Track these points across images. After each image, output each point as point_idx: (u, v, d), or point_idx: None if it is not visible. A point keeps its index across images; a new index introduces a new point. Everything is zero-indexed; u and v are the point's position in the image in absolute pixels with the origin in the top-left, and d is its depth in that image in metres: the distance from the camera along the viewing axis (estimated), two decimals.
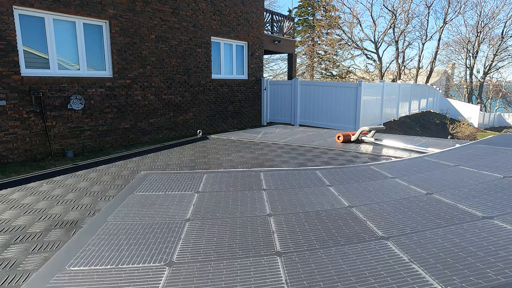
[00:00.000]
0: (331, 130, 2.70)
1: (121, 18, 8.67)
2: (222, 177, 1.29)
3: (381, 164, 1.44)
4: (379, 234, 0.73)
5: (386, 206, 0.91)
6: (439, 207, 0.85)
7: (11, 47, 6.84)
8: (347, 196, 1.04)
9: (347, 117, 11.90)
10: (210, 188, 1.17)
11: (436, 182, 1.06)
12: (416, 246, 0.64)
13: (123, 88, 8.93)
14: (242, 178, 1.23)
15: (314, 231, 0.78)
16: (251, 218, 0.87)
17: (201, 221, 0.94)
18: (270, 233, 0.77)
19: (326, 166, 1.46)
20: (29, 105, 7.19)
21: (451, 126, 19.74)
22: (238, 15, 12.27)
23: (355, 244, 0.70)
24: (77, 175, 1.39)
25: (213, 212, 0.95)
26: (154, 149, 1.81)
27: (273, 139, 2.17)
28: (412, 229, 0.72)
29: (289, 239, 0.73)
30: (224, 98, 12.09)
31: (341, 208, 0.93)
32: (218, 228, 0.85)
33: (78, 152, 8.14)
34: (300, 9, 33.95)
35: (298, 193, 1.08)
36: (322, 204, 0.96)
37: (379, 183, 1.15)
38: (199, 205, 1.04)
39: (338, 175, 1.26)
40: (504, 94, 37.44)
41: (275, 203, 0.99)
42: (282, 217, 0.87)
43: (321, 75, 34.51)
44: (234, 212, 0.93)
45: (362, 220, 0.84)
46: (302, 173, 1.28)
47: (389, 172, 1.27)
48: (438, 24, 48.71)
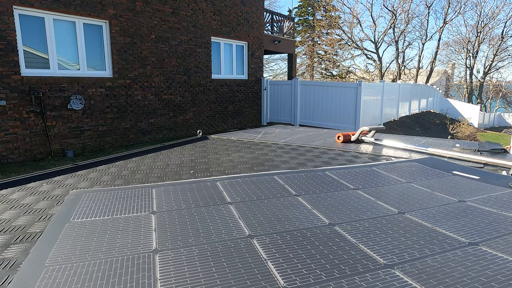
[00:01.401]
0: (331, 130, 2.71)
1: (121, 18, 8.68)
2: (175, 191, 1.16)
3: (336, 170, 1.44)
4: (382, 261, 0.71)
5: (367, 225, 0.90)
6: (420, 229, 0.86)
7: (11, 47, 6.84)
8: (321, 210, 1.00)
9: (347, 117, 11.90)
10: (166, 206, 1.04)
11: (400, 199, 1.09)
12: (425, 275, 0.64)
13: (123, 88, 8.93)
14: (199, 190, 1.13)
15: (311, 257, 0.72)
16: (232, 241, 0.79)
17: (174, 252, 0.78)
18: (262, 262, 0.70)
19: (283, 171, 1.42)
20: (29, 105, 7.20)
21: (451, 126, 19.74)
22: (238, 15, 12.27)
23: (363, 274, 0.66)
24: (77, 175, 1.39)
25: (183, 238, 0.82)
26: (154, 149, 1.81)
27: (273, 139, 2.17)
28: (411, 256, 0.72)
29: (287, 269, 0.67)
30: (224, 98, 12.09)
31: (323, 226, 0.89)
32: (199, 259, 0.72)
33: (78, 152, 8.14)
34: (300, 9, 33.96)
35: (269, 206, 1.01)
36: (301, 221, 0.91)
37: (343, 194, 1.13)
38: (161, 229, 0.89)
39: (299, 182, 1.22)
40: (504, 94, 37.45)
41: (249, 220, 0.92)
42: (266, 238, 0.81)
43: (321, 75, 34.52)
44: (208, 235, 0.83)
45: (353, 243, 0.81)
46: (262, 180, 1.23)
47: (347, 181, 1.26)
48: (438, 24, 48.73)
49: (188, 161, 1.67)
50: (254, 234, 0.83)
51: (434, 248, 0.74)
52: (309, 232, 0.84)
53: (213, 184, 1.20)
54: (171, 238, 0.84)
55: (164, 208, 1.02)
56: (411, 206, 1.01)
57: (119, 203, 1.12)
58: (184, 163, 1.64)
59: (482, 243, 0.74)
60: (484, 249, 0.71)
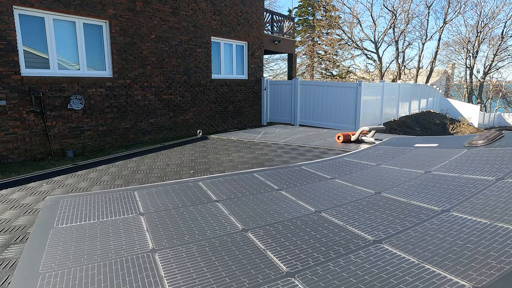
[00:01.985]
0: (331, 130, 2.70)
1: (121, 18, 8.68)
2: (159, 193, 1.15)
3: (311, 164, 1.49)
4: (370, 238, 0.74)
5: (350, 208, 0.93)
6: (397, 205, 0.91)
7: (11, 47, 6.84)
8: (305, 200, 1.02)
9: (347, 117, 11.90)
10: (153, 207, 1.03)
11: (374, 181, 1.14)
12: (410, 245, 0.69)
13: (123, 88, 8.93)
14: (183, 190, 1.13)
15: (306, 243, 0.74)
16: (227, 236, 0.80)
17: (172, 250, 0.78)
18: (262, 252, 0.72)
19: (262, 168, 1.45)
20: (29, 105, 7.20)
21: (451, 126, 19.74)
22: (238, 15, 12.27)
23: (356, 251, 0.70)
24: (77, 175, 1.39)
25: (178, 237, 0.82)
26: (154, 149, 1.81)
27: (273, 139, 2.17)
28: (395, 230, 0.76)
29: (286, 255, 0.69)
30: (224, 98, 12.09)
31: (310, 214, 0.91)
32: (200, 255, 0.73)
33: (78, 152, 8.14)
34: (300, 9, 33.96)
35: (255, 201, 1.02)
36: (289, 211, 0.93)
37: (322, 184, 1.16)
38: (154, 229, 0.89)
39: (279, 177, 1.24)
40: (504, 94, 37.44)
41: (239, 216, 0.93)
42: (260, 230, 0.82)
43: (321, 75, 34.51)
44: (203, 232, 0.83)
45: (341, 225, 0.83)
46: (243, 178, 1.24)
47: (323, 173, 1.29)
48: (438, 24, 48.71)
49: (188, 161, 1.66)
50: (248, 227, 0.84)
51: (413, 220, 0.79)
52: (299, 221, 0.86)
53: (195, 184, 1.21)
54: (166, 237, 0.83)
55: (152, 209, 1.01)
56: (385, 185, 1.08)
57: (102, 207, 1.09)
58: (184, 163, 1.64)
59: (452, 209, 0.80)
60: (455, 214, 0.77)
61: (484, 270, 0.54)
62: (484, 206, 0.76)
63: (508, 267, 0.53)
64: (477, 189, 0.86)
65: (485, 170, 0.96)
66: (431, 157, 1.24)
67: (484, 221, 0.71)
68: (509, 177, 0.85)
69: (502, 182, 0.84)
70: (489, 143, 1.16)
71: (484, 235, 0.65)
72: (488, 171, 0.95)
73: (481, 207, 0.77)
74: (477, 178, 0.93)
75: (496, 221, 0.69)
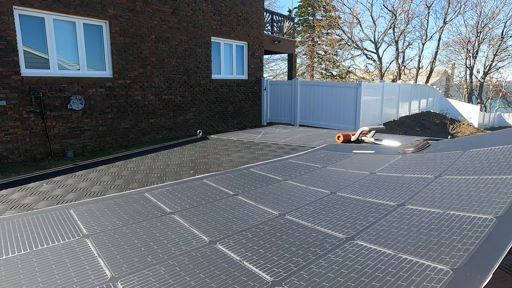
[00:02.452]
0: (331, 130, 2.70)
1: (121, 18, 8.68)
2: (101, 209, 1.02)
3: (259, 166, 1.47)
4: (342, 236, 0.75)
5: (312, 208, 0.92)
6: (356, 203, 0.92)
7: (11, 47, 6.84)
8: (266, 204, 0.99)
9: (347, 117, 11.90)
10: (99, 227, 0.89)
11: (326, 181, 1.15)
12: (381, 238, 0.71)
13: (123, 88, 8.93)
14: (128, 204, 1.02)
15: (281, 248, 0.71)
16: (196, 251, 0.72)
17: (137, 275, 0.66)
18: (238, 263, 0.66)
19: (212, 173, 1.38)
20: (29, 105, 7.20)
21: (451, 126, 19.74)
22: (238, 15, 12.27)
23: (333, 250, 0.69)
24: (77, 175, 1.39)
25: (140, 259, 0.71)
26: (154, 149, 1.81)
27: (273, 139, 2.17)
28: (362, 226, 0.78)
29: (265, 264, 0.65)
30: (224, 98, 12.09)
31: (276, 218, 0.88)
32: (171, 277, 0.64)
33: (78, 152, 8.14)
34: (300, 9, 33.96)
35: (214, 209, 0.96)
36: (253, 217, 0.88)
37: (276, 186, 1.14)
38: (107, 253, 0.74)
39: (231, 182, 1.19)
40: (504, 94, 37.44)
41: (202, 227, 0.85)
42: (229, 241, 0.76)
43: (321, 75, 34.51)
44: (166, 250, 0.74)
45: (310, 226, 0.81)
46: (193, 185, 1.17)
47: (274, 175, 1.28)
48: (438, 24, 48.71)
49: (188, 161, 1.66)
50: (215, 239, 0.79)
51: (375, 216, 0.81)
52: (266, 226, 0.83)
53: (141, 196, 1.10)
54: (125, 261, 0.71)
55: (98, 229, 0.86)
56: (337, 185, 1.09)
57: (33, 233, 0.87)
58: (184, 163, 1.64)
59: (407, 203, 0.84)
60: (411, 207, 0.82)
61: (453, 253, 0.59)
62: (433, 198, 0.83)
63: (472, 247, 0.58)
64: (422, 185, 0.93)
65: (423, 170, 1.04)
66: (372, 161, 1.29)
67: (437, 210, 0.76)
68: (445, 175, 0.94)
69: (441, 179, 0.93)
70: (419, 150, 1.26)
71: (442, 223, 0.70)
72: (426, 171, 1.03)
73: (431, 199, 0.83)
74: (419, 176, 1.00)
75: (448, 210, 0.75)
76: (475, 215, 0.69)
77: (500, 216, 0.65)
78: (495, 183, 0.79)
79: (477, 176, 0.86)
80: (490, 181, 0.81)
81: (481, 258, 0.54)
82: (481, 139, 1.13)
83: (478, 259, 0.54)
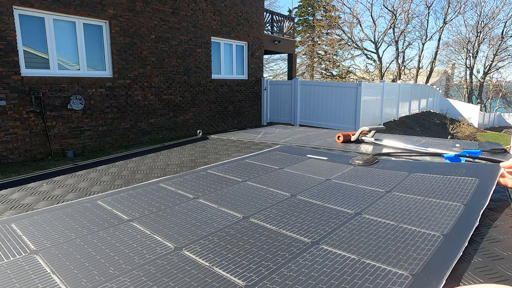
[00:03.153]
0: (331, 130, 2.70)
1: (121, 18, 8.68)
2: (48, 220, 0.91)
3: (216, 167, 1.44)
4: (308, 240, 0.75)
5: (275, 211, 0.93)
6: (316, 207, 0.94)
7: (11, 47, 6.85)
8: (228, 206, 0.98)
9: (347, 117, 11.90)
10: (48, 240, 0.80)
11: (285, 184, 1.15)
12: (345, 244, 0.74)
13: (123, 88, 8.93)
14: (80, 213, 0.96)
15: (249, 252, 0.71)
16: (161, 259, 0.70)
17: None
18: (208, 269, 0.66)
19: (168, 176, 1.31)
20: (29, 105, 7.20)
21: (451, 126, 19.74)
22: (238, 15, 12.27)
23: (301, 254, 0.70)
24: (77, 175, 1.39)
25: (101, 272, 0.65)
26: (154, 149, 1.81)
27: (273, 139, 2.17)
28: (325, 231, 0.80)
29: (236, 268, 0.65)
30: (224, 98, 12.09)
31: (240, 221, 0.87)
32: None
33: (78, 152, 8.15)
34: (300, 9, 33.97)
35: (176, 214, 0.92)
36: (217, 221, 0.87)
37: (237, 188, 1.12)
38: (63, 269, 0.67)
39: (189, 185, 1.17)
40: (504, 94, 37.45)
41: (165, 233, 0.82)
42: (195, 246, 0.75)
43: (321, 75, 34.53)
44: (129, 260, 0.70)
45: (274, 230, 0.82)
46: (149, 190, 1.12)
47: (233, 176, 1.26)
48: (438, 24, 48.71)
49: (188, 161, 1.67)
50: (180, 245, 0.75)
51: (336, 222, 0.83)
52: (231, 230, 0.82)
53: (94, 204, 1.03)
54: (84, 275, 0.65)
55: (47, 244, 0.78)
56: (296, 188, 1.10)
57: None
58: (184, 163, 1.64)
59: (363, 212, 0.87)
60: (367, 216, 0.85)
61: (410, 260, 0.64)
62: (386, 211, 0.87)
63: (425, 257, 0.63)
64: (375, 197, 0.97)
65: (375, 184, 1.09)
66: (326, 167, 1.33)
67: (392, 222, 0.80)
68: (394, 191, 1.00)
69: (391, 194, 0.98)
70: (368, 164, 1.33)
71: (397, 234, 0.74)
72: (377, 185, 1.08)
73: (384, 212, 0.87)
74: (371, 189, 1.05)
75: (401, 223, 0.80)
76: (424, 231, 0.75)
77: (446, 234, 0.72)
78: (439, 205, 0.88)
79: (423, 197, 0.94)
80: (434, 203, 0.90)
81: (435, 267, 0.60)
82: (424, 166, 1.24)
83: (433, 267, 0.60)
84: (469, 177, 1.06)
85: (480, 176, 1.06)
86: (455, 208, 0.86)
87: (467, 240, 0.70)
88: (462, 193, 0.95)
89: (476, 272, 0.63)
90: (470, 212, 0.83)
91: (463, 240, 0.70)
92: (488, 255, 0.69)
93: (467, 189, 0.97)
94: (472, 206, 0.86)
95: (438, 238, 0.72)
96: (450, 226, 0.76)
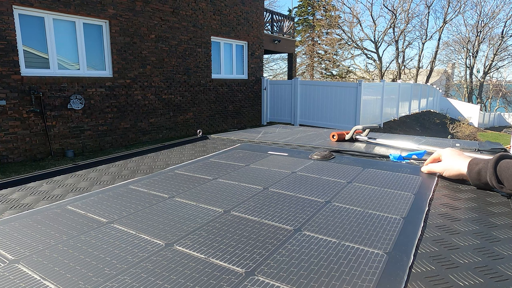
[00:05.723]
0: (331, 130, 2.70)
1: (121, 18, 8.68)
2: (18, 229, 0.86)
3: (183, 167, 1.44)
4: (290, 228, 0.80)
5: (253, 203, 0.97)
6: (289, 198, 1.00)
7: (11, 47, 6.84)
8: (207, 202, 1.00)
9: (347, 116, 11.90)
10: (26, 249, 0.75)
11: (256, 179, 1.20)
12: (324, 229, 0.81)
13: (123, 88, 8.93)
14: (52, 219, 0.92)
15: (240, 242, 0.75)
16: (155, 255, 0.70)
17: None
18: (205, 260, 0.68)
19: (135, 179, 1.28)
20: (29, 105, 7.20)
21: (451, 126, 19.74)
22: (238, 15, 12.27)
23: (288, 240, 0.75)
24: (77, 175, 1.39)
25: (97, 274, 0.64)
26: (154, 149, 1.81)
27: (273, 138, 2.17)
28: (303, 219, 0.88)
29: (232, 257, 0.69)
30: (224, 98, 12.09)
31: (222, 215, 0.90)
32: (142, 283, 0.61)
33: (78, 152, 8.15)
34: (300, 8, 33.95)
35: (157, 213, 0.93)
36: (200, 216, 0.90)
37: (209, 185, 1.15)
38: (54, 275, 0.64)
39: (160, 185, 1.18)
40: (504, 93, 37.44)
41: (151, 231, 0.82)
42: (186, 241, 0.77)
43: (321, 75, 34.51)
44: (123, 260, 0.69)
45: (258, 220, 0.86)
46: (121, 192, 1.11)
47: (202, 174, 1.29)
48: (438, 24, 48.68)
49: (188, 161, 1.67)
50: (171, 241, 0.76)
51: (311, 210, 0.89)
52: (217, 223, 0.84)
53: (64, 209, 0.99)
54: (79, 278, 0.63)
55: (26, 252, 0.73)
56: (267, 182, 1.15)
57: None
58: (184, 163, 1.64)
59: (332, 201, 0.96)
60: (337, 204, 0.93)
61: (381, 241, 0.71)
62: (352, 199, 0.96)
63: (393, 238, 0.72)
64: (339, 187, 1.06)
65: (336, 175, 1.19)
66: (289, 162, 1.40)
67: (359, 209, 0.89)
68: (354, 182, 1.11)
69: (352, 185, 1.08)
70: (325, 159, 1.44)
71: (365, 218, 0.83)
72: (338, 176, 1.18)
73: (350, 199, 0.96)
74: (334, 180, 1.14)
75: (366, 209, 0.88)
76: (387, 215, 0.85)
77: (405, 217, 0.85)
78: (395, 194, 1.01)
79: (379, 188, 1.06)
80: (390, 192, 1.02)
81: (402, 245, 0.70)
82: (375, 163, 1.39)
83: (401, 245, 0.70)
84: (414, 175, 1.24)
85: (421, 174, 1.26)
86: (408, 197, 1.00)
87: (422, 221, 0.83)
88: (411, 186, 1.11)
89: (476, 272, 0.63)
90: (420, 200, 0.98)
91: (419, 221, 0.83)
92: (488, 254, 0.70)
93: (414, 183, 1.14)
94: (420, 195, 1.02)
95: (400, 221, 0.83)
96: (406, 211, 0.89)
